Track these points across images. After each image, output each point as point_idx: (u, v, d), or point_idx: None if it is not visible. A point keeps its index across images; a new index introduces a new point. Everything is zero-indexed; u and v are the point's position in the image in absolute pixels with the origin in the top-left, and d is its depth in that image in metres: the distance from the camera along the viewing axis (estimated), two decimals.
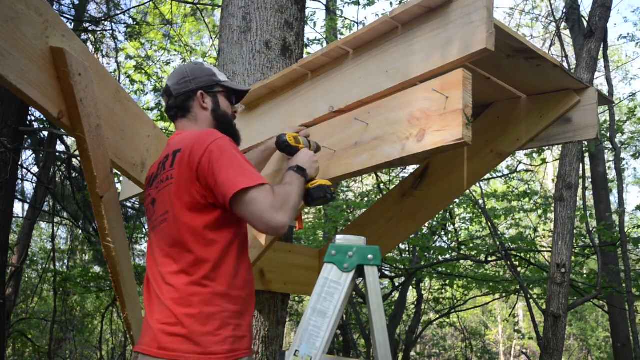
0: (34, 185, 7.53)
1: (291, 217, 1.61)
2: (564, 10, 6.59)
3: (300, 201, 1.74)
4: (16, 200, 6.17)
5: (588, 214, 5.90)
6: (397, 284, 8.02)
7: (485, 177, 7.62)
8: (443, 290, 8.65)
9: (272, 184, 1.65)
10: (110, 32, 7.60)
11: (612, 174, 10.03)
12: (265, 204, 1.56)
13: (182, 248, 1.63)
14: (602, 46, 4.86)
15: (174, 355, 1.55)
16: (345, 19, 8.20)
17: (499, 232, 7.20)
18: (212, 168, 1.59)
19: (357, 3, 7.53)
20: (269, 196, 1.57)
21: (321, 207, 7.01)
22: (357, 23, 7.76)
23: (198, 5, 7.88)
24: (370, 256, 1.63)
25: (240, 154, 1.66)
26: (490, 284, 7.30)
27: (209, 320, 1.57)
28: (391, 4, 7.26)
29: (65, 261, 10.57)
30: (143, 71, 8.06)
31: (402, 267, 7.33)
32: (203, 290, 1.59)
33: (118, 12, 7.71)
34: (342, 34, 8.36)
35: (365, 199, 7.73)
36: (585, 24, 5.07)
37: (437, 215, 6.65)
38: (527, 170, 9.47)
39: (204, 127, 1.83)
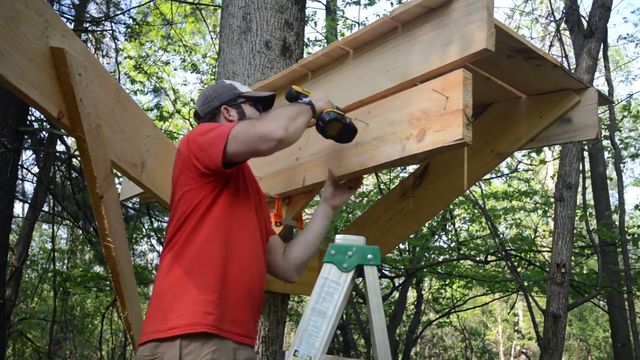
0: (34, 185, 7.52)
1: (287, 127, 1.62)
2: (564, 11, 6.58)
3: (301, 118, 1.72)
4: (16, 200, 6.16)
5: (588, 214, 5.90)
6: (397, 284, 8.01)
7: (485, 177, 7.61)
8: (443, 291, 8.64)
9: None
10: (110, 32, 7.60)
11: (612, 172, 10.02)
12: (249, 125, 1.63)
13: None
14: (602, 46, 4.86)
15: (143, 339, 1.62)
16: (347, 19, 8.16)
17: (498, 232, 7.19)
18: (198, 151, 1.69)
19: (358, 3, 7.49)
20: (249, 122, 1.67)
21: None
22: (358, 23, 7.71)
23: (198, 5, 7.87)
24: (369, 256, 1.63)
25: (215, 125, 1.74)
26: (491, 284, 7.30)
27: (165, 297, 1.63)
28: (392, 3, 7.23)
29: (65, 261, 10.57)
30: (143, 71, 8.05)
31: (402, 267, 7.33)
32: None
33: (118, 12, 7.70)
34: (342, 34, 8.33)
35: (365, 199, 7.72)
36: (585, 24, 5.06)
37: (437, 215, 6.65)
38: (527, 170, 9.46)
39: None
